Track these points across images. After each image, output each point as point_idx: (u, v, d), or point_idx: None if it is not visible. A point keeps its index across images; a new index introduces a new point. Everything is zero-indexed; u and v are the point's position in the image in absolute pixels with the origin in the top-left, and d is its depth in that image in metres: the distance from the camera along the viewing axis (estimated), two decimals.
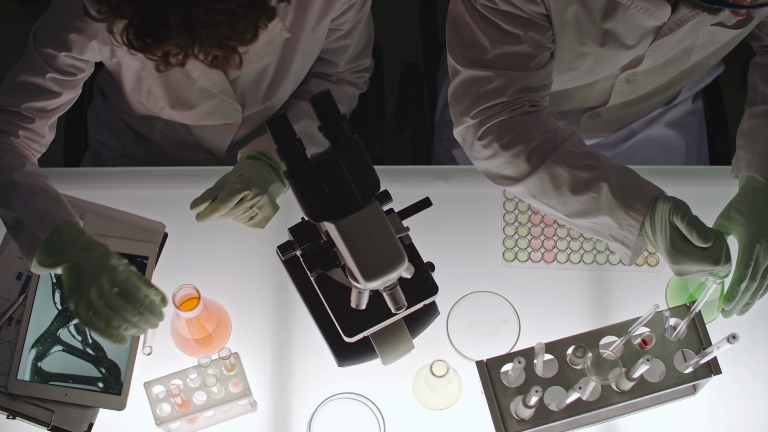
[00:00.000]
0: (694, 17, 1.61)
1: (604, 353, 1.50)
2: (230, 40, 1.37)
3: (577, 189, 1.60)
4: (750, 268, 1.62)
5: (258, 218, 1.72)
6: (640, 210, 1.55)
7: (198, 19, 1.32)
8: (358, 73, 1.94)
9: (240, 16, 1.34)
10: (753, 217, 1.65)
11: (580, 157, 1.62)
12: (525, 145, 1.63)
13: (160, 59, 1.39)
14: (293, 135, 1.36)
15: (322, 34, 1.78)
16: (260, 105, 1.86)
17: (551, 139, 1.64)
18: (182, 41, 1.35)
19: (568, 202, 1.62)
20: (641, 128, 2.06)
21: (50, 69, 1.64)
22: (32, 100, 1.66)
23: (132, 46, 1.36)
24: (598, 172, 1.59)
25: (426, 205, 1.55)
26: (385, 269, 1.37)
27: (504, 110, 1.65)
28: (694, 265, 1.50)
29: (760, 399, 1.69)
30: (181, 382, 1.60)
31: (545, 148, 1.63)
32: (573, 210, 1.63)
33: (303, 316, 1.72)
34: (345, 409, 1.66)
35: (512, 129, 1.64)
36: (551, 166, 1.62)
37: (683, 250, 1.50)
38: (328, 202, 1.36)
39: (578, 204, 1.61)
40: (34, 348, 1.69)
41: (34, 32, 1.66)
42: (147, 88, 1.81)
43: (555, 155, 1.62)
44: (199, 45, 1.36)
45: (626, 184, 1.57)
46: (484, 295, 1.71)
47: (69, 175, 1.86)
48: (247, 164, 1.70)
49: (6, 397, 1.66)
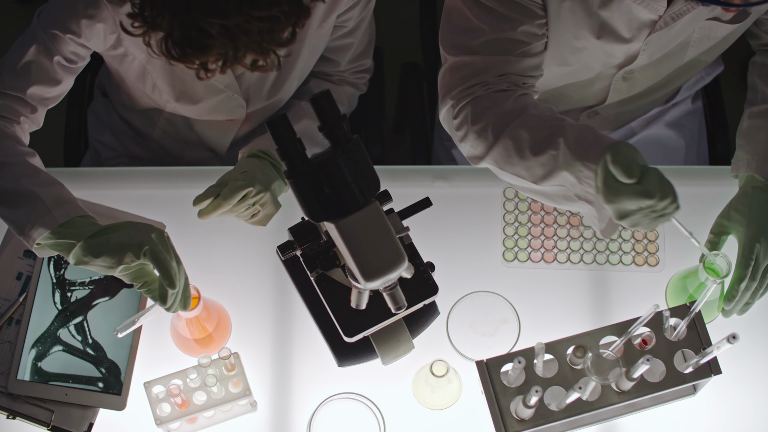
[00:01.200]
0: (690, 11, 1.60)
1: (604, 353, 1.50)
2: (271, 44, 1.37)
3: (537, 149, 1.57)
4: (750, 267, 1.62)
5: (260, 216, 1.71)
6: (593, 159, 1.50)
7: (240, 26, 1.32)
8: (358, 74, 1.94)
9: (281, 21, 1.35)
10: (753, 217, 1.64)
11: (542, 119, 1.60)
12: (492, 117, 1.62)
13: (200, 67, 1.38)
14: (293, 135, 1.36)
15: (328, 30, 1.79)
16: (265, 101, 1.87)
17: (519, 109, 1.62)
18: (224, 50, 1.35)
19: (532, 165, 1.59)
20: (641, 128, 2.06)
21: (57, 52, 1.63)
22: (36, 84, 1.64)
23: (172, 57, 1.36)
24: (556, 130, 1.56)
25: (426, 205, 1.55)
26: (385, 269, 1.37)
27: (481, 89, 1.65)
28: (628, 201, 1.45)
29: (760, 399, 1.69)
30: (181, 382, 1.60)
31: (511, 117, 1.61)
32: (537, 174, 1.59)
33: (303, 316, 1.72)
34: (345, 409, 1.66)
35: (483, 104, 1.64)
36: (514, 130, 1.60)
37: (614, 188, 1.45)
38: (328, 202, 1.36)
39: (540, 166, 1.58)
40: (34, 348, 1.69)
41: (39, 14, 1.63)
42: (152, 81, 1.80)
43: (518, 120, 1.60)
44: (240, 52, 1.36)
45: (582, 138, 1.53)
46: (484, 295, 1.72)
47: (69, 175, 1.86)
48: (249, 162, 1.70)
49: (6, 397, 1.66)
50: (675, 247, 1.79)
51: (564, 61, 1.75)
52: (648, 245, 1.79)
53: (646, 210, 1.45)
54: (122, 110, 2.03)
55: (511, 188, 1.83)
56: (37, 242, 1.52)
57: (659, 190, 1.44)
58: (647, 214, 1.47)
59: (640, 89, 1.89)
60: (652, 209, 1.45)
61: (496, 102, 1.64)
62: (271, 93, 1.85)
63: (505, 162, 1.62)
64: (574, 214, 1.82)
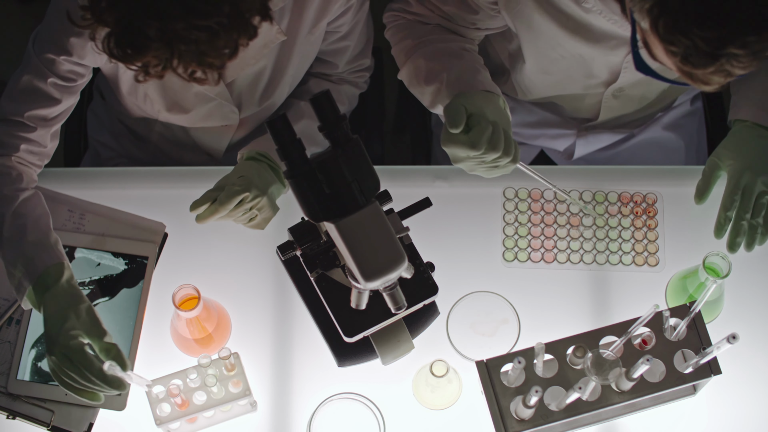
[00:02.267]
0: None
1: (604, 353, 1.50)
2: (209, 56, 1.36)
3: (428, 79, 1.69)
4: (737, 195, 1.69)
5: (258, 219, 1.72)
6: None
7: (177, 33, 1.32)
8: (357, 73, 1.94)
9: (220, 34, 1.33)
10: (741, 150, 1.71)
11: (442, 53, 1.70)
12: (407, 40, 1.76)
13: (140, 70, 1.39)
14: (293, 135, 1.36)
15: (319, 37, 1.78)
16: (257, 107, 1.87)
17: (434, 40, 1.74)
18: (162, 54, 1.34)
19: (424, 92, 1.71)
20: (640, 130, 2.06)
21: (51, 74, 1.66)
22: (34, 107, 1.67)
23: (112, 55, 1.36)
24: (445, 64, 1.67)
25: (426, 205, 1.55)
26: (385, 269, 1.37)
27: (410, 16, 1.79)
28: (457, 149, 1.53)
29: (760, 399, 1.69)
30: (181, 382, 1.60)
31: (419, 44, 1.74)
32: (428, 101, 1.71)
33: (303, 316, 1.72)
34: (345, 409, 1.66)
35: (407, 26, 1.78)
36: (416, 59, 1.73)
37: (446, 135, 1.54)
38: (328, 202, 1.36)
39: (430, 95, 1.69)
40: (34, 348, 1.69)
41: (33, 39, 1.67)
42: (144, 91, 1.81)
43: (422, 50, 1.72)
44: (178, 59, 1.36)
45: (462, 77, 1.63)
46: (484, 295, 1.71)
47: (69, 175, 1.86)
48: (247, 165, 1.70)
49: (6, 397, 1.66)
50: (675, 247, 1.79)
51: (546, 69, 1.79)
52: (648, 245, 1.79)
53: (475, 159, 1.54)
54: (120, 115, 2.04)
55: (511, 188, 1.83)
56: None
57: (487, 142, 1.51)
58: (479, 164, 1.55)
59: (632, 107, 1.91)
60: (482, 160, 1.54)
61: (414, 27, 1.77)
62: (263, 99, 1.85)
63: (410, 84, 1.77)
64: (575, 214, 1.82)
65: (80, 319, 1.55)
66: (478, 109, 1.54)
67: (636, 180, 1.84)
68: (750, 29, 1.23)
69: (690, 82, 1.33)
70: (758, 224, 1.70)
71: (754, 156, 1.71)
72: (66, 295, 1.58)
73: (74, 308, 1.56)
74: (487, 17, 1.73)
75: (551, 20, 1.66)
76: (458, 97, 1.57)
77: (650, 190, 1.83)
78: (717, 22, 1.22)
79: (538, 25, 1.67)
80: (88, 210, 1.79)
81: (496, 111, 1.57)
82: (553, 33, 1.68)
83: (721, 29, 1.23)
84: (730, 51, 1.24)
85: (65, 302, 1.57)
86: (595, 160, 2.06)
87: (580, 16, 1.64)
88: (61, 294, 1.57)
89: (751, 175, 1.70)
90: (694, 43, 1.25)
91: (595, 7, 1.60)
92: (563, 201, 1.80)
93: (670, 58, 1.30)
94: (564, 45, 1.70)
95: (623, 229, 1.80)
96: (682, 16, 1.23)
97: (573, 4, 1.62)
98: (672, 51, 1.28)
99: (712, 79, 1.30)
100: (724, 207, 1.71)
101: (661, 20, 1.26)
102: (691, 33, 1.24)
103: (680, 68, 1.31)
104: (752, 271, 1.76)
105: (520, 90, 1.95)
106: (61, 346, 1.53)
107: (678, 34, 1.25)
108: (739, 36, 1.23)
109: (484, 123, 1.51)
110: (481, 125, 1.51)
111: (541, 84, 1.88)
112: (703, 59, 1.26)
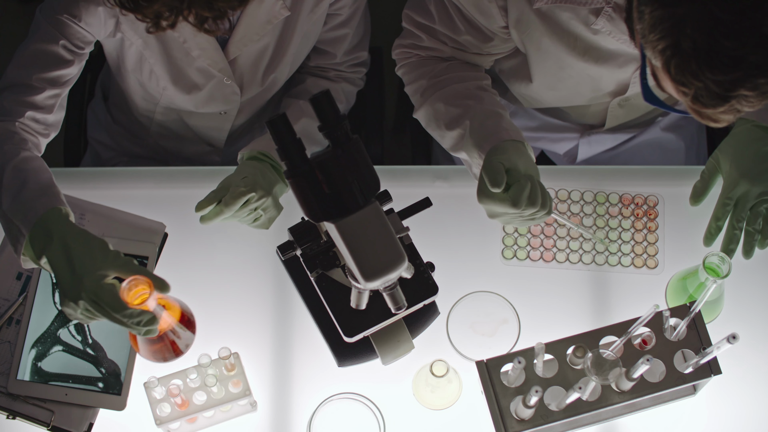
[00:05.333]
0: None
1: (604, 353, 1.50)
2: (219, 1, 1.41)
3: (450, 125, 1.69)
4: (729, 205, 1.70)
5: (262, 219, 1.72)
6: (486, 150, 1.58)
7: None
8: (355, 68, 1.95)
9: None
10: (738, 156, 1.71)
11: (461, 96, 1.69)
12: (422, 79, 1.76)
13: (152, 21, 1.42)
14: (293, 135, 1.36)
15: (321, 17, 1.80)
16: (258, 87, 1.87)
17: (450, 79, 1.73)
18: (172, 1, 1.38)
19: (445, 136, 1.71)
20: (640, 131, 2.06)
21: (62, 36, 1.65)
22: (44, 70, 1.66)
23: (123, 6, 1.39)
24: (467, 111, 1.67)
25: (426, 205, 1.55)
26: (385, 269, 1.37)
27: (423, 52, 1.78)
28: (495, 206, 1.53)
29: (760, 399, 1.69)
30: (181, 382, 1.61)
31: (437, 86, 1.73)
32: (449, 144, 1.71)
33: (303, 316, 1.72)
34: (345, 409, 1.66)
35: (420, 64, 1.78)
36: (434, 103, 1.72)
37: (484, 191, 1.54)
38: (328, 202, 1.36)
39: (451, 139, 1.70)
40: (34, 348, 1.69)
41: (40, 8, 1.66)
42: (149, 67, 1.81)
43: (439, 92, 1.71)
44: (188, 6, 1.40)
45: (486, 125, 1.62)
46: (484, 295, 1.72)
47: (69, 175, 1.86)
48: (250, 166, 1.70)
49: (6, 397, 1.66)
50: (674, 247, 1.79)
51: (552, 86, 1.80)
52: (647, 247, 1.79)
53: (513, 215, 1.54)
54: (118, 115, 2.04)
55: None
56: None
57: (525, 200, 1.50)
58: (515, 218, 1.55)
59: (637, 114, 1.91)
60: (520, 215, 1.54)
61: (428, 65, 1.76)
62: (264, 78, 1.86)
63: (427, 125, 1.77)
64: (575, 214, 1.82)
65: (108, 259, 1.47)
66: (513, 164, 1.53)
67: (636, 180, 1.84)
68: (761, 73, 1.22)
69: (698, 119, 1.32)
70: (755, 230, 1.71)
71: (751, 164, 1.71)
72: (79, 235, 1.49)
73: (99, 247, 1.47)
74: (501, 41, 1.72)
75: (560, 43, 1.65)
76: (493, 153, 1.55)
77: (651, 191, 1.83)
78: (729, 66, 1.22)
79: (547, 47, 1.67)
80: (88, 210, 1.79)
81: (528, 162, 1.57)
82: (562, 55, 1.68)
83: (732, 73, 1.22)
84: (740, 93, 1.24)
85: (82, 241, 1.48)
86: (595, 161, 2.06)
87: (589, 38, 1.63)
88: (72, 234, 1.48)
89: (746, 184, 1.70)
90: (705, 85, 1.24)
91: (604, 29, 1.60)
92: (577, 231, 1.79)
93: (680, 97, 1.30)
94: (573, 66, 1.70)
95: (623, 230, 1.80)
96: (694, 59, 1.23)
97: (582, 26, 1.61)
98: (683, 91, 1.28)
99: (721, 117, 1.30)
100: (716, 216, 1.72)
101: (673, 61, 1.25)
102: (703, 76, 1.23)
103: (690, 106, 1.31)
104: (752, 271, 1.76)
105: (524, 100, 1.95)
106: (89, 292, 1.44)
107: (690, 75, 1.24)
108: (750, 79, 1.23)
109: (523, 180, 1.51)
110: (520, 183, 1.50)
111: (548, 98, 1.88)
112: (714, 100, 1.26)
